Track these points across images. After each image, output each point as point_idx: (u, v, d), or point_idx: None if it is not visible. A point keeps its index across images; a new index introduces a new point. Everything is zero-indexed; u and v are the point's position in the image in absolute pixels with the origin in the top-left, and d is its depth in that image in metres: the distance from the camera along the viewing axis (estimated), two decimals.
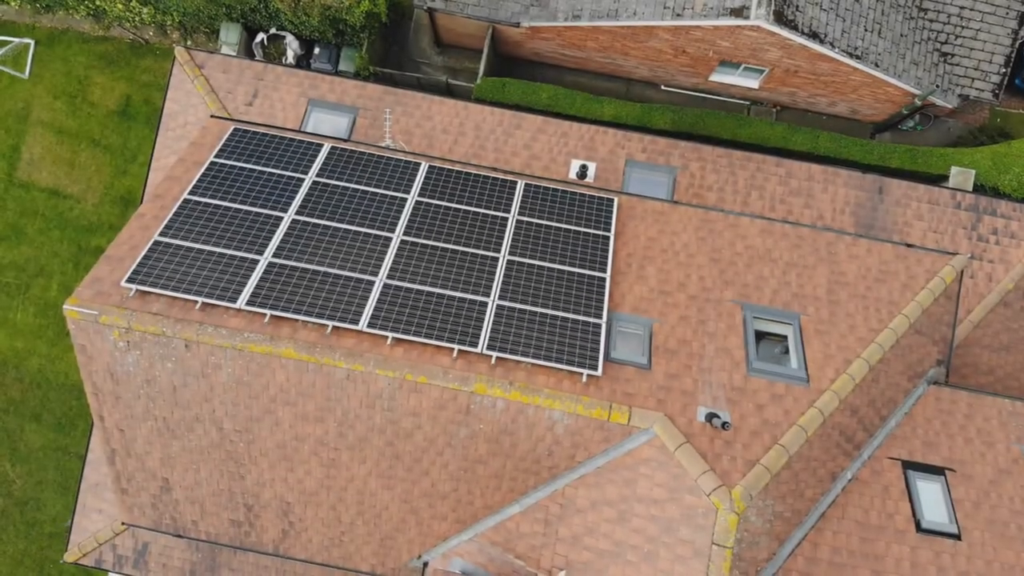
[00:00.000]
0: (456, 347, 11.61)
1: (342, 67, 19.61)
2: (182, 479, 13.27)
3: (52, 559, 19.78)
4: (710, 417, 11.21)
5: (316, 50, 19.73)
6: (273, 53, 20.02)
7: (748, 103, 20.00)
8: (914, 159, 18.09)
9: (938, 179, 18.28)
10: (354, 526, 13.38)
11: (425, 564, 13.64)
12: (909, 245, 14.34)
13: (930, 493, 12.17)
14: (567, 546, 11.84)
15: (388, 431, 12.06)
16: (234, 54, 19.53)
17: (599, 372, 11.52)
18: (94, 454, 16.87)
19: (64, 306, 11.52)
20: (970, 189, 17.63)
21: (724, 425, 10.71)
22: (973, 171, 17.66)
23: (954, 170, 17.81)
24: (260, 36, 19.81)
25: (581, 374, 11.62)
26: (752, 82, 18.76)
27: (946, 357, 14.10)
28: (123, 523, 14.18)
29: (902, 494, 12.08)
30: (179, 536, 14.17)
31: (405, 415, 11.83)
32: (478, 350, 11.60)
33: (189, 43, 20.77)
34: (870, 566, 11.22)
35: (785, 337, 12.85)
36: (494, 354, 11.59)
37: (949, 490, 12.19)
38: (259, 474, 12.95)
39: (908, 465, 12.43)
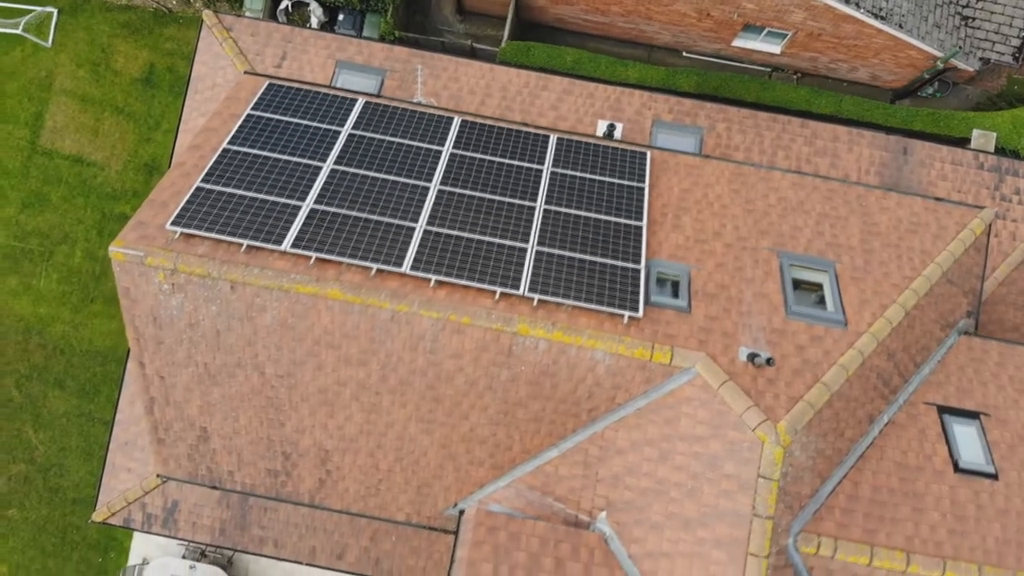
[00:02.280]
0: (498, 289, 11.71)
1: (366, 33, 19.70)
2: (220, 427, 13.35)
3: (75, 525, 19.84)
4: (752, 357, 11.32)
5: (340, 16, 19.82)
6: (297, 20, 20.10)
7: (769, 70, 20.13)
8: (936, 122, 18.23)
9: (960, 142, 18.43)
10: (391, 473, 13.47)
11: (461, 512, 13.73)
12: (938, 199, 14.48)
13: (966, 436, 12.29)
14: (607, 487, 11.95)
15: (430, 374, 12.15)
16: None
17: (640, 314, 11.63)
18: (123, 413, 16.93)
19: (110, 248, 11.59)
20: (992, 151, 17.78)
21: (768, 361, 10.83)
22: (995, 133, 17.82)
23: (976, 132, 17.96)
24: (284, 3, 19.89)
25: (622, 316, 11.73)
26: (774, 47, 18.88)
27: (975, 309, 14.24)
28: (158, 475, 14.25)
29: (939, 437, 12.20)
30: (214, 488, 14.24)
31: (447, 357, 11.93)
32: (520, 292, 11.70)
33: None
34: (911, 504, 11.35)
35: (820, 286, 12.97)
36: (536, 296, 11.69)
37: (984, 433, 12.32)
38: (299, 420, 13.03)
39: (943, 410, 12.56)
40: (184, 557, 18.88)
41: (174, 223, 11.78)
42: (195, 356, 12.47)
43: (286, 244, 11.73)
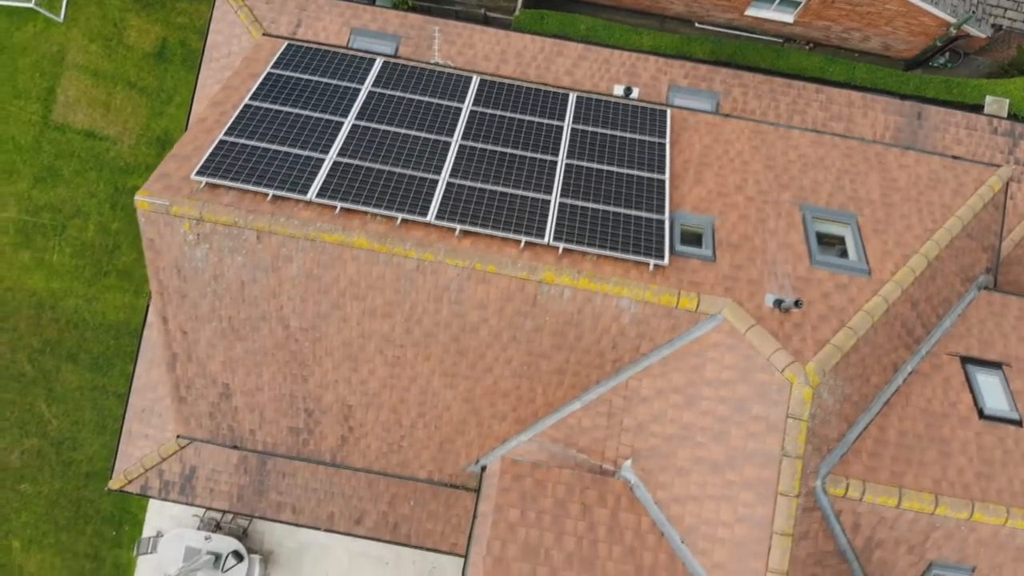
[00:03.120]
0: (523, 238, 11.72)
1: (379, 3, 19.71)
2: (243, 384, 13.34)
3: (89, 498, 19.81)
4: (778, 303, 11.35)
5: None
6: None
7: (781, 40, 20.18)
8: (949, 89, 18.30)
9: (973, 109, 18.48)
10: (414, 429, 13.47)
11: (483, 468, 13.74)
12: (955, 157, 14.53)
13: (990, 385, 12.33)
14: (632, 435, 11.97)
15: (454, 325, 12.16)
16: None
17: (665, 262, 11.65)
18: (139, 380, 16.89)
19: (135, 197, 11.59)
20: (1005, 116, 17.84)
21: (797, 303, 10.85)
22: (1007, 99, 17.88)
23: (989, 99, 18.03)
24: None
25: (648, 264, 11.75)
26: (787, 16, 18.93)
27: (994, 266, 14.28)
28: (178, 436, 14.24)
29: (963, 385, 12.23)
30: (235, 447, 14.24)
31: (472, 308, 11.94)
32: (544, 241, 11.71)
33: None
34: (937, 448, 11.38)
35: (842, 239, 13.01)
36: (561, 245, 11.71)
37: (1008, 382, 12.35)
38: (322, 375, 13.03)
39: (966, 360, 12.59)
40: (199, 529, 18.85)
41: (199, 173, 11.78)
42: (219, 309, 12.47)
43: (311, 194, 11.74)
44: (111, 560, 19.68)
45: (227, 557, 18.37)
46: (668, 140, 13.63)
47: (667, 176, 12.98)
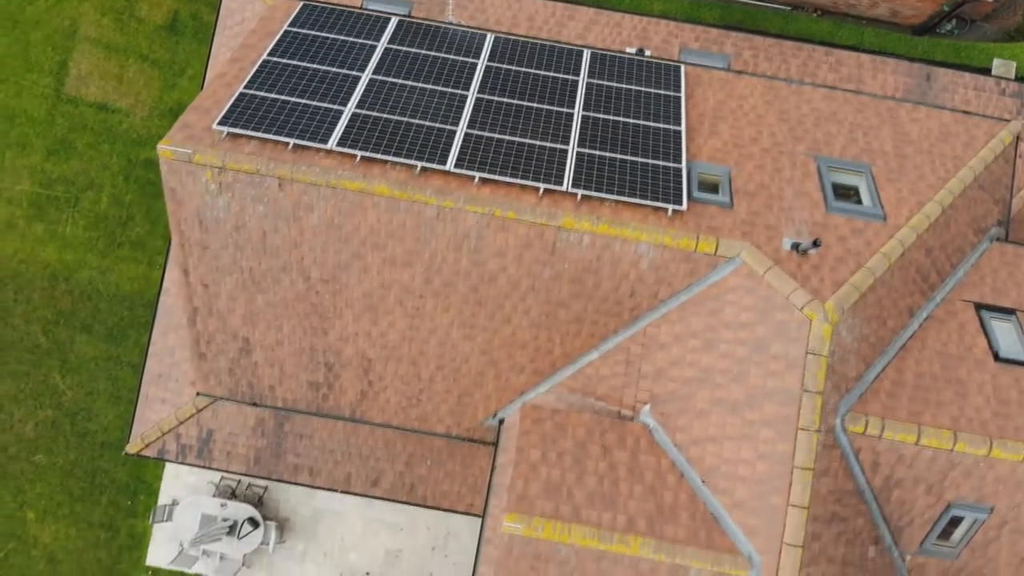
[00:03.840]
0: (542, 186, 11.83)
1: None
2: (263, 338, 13.45)
3: (104, 468, 19.91)
4: (796, 246, 11.46)
5: None
6: None
7: (789, 7, 20.28)
8: (957, 53, 18.41)
9: (981, 73, 18.57)
10: (433, 383, 13.58)
11: (501, 421, 13.86)
12: (966, 112, 14.64)
13: (1004, 331, 12.44)
14: (650, 381, 12.08)
15: (473, 275, 12.27)
16: None
17: (684, 207, 11.76)
18: (156, 345, 16.97)
19: (158, 146, 11.71)
20: (1013, 78, 17.95)
21: (815, 243, 10.96)
22: (1015, 62, 17.99)
23: (996, 61, 18.13)
24: None
25: (666, 209, 11.86)
26: None
27: (1006, 219, 14.40)
28: (198, 393, 14.36)
29: (977, 331, 12.35)
30: (255, 404, 14.36)
31: (491, 256, 12.05)
32: (563, 188, 11.82)
33: None
34: (954, 389, 11.49)
35: (857, 190, 13.12)
36: (579, 191, 11.82)
37: (1022, 327, 12.46)
38: (342, 328, 13.14)
39: (980, 307, 12.70)
40: (214, 496, 18.94)
41: (220, 123, 11.89)
42: (240, 261, 12.58)
43: (332, 143, 11.85)
44: (126, 530, 19.79)
45: (243, 524, 18.46)
46: (683, 93, 13.74)
47: (683, 127, 13.09)
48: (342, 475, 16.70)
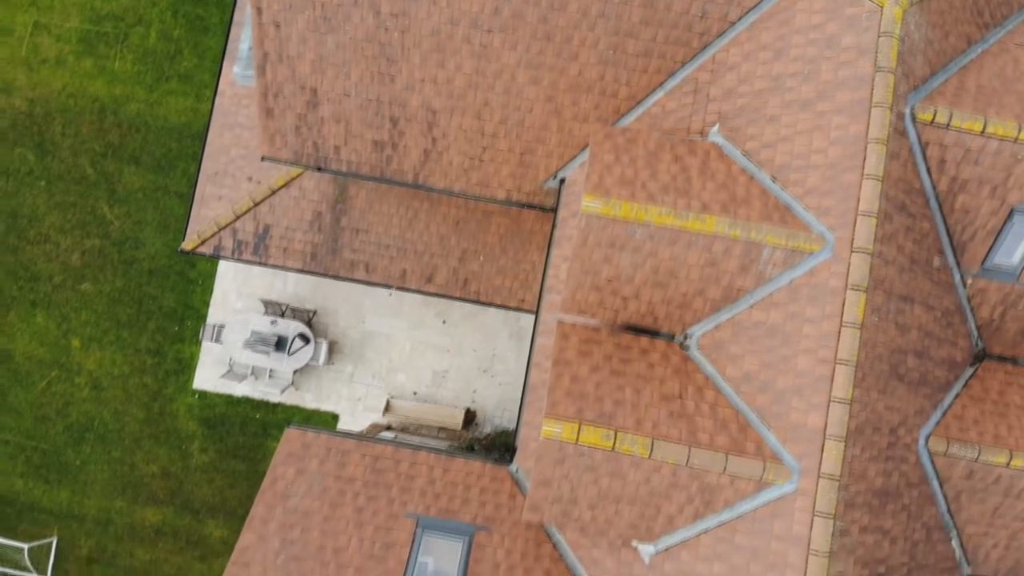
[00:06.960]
0: None
1: None
2: (331, 88, 13.72)
3: (151, 295, 20.17)
4: None
5: None
6: None
7: None
8: None
9: None
10: (496, 139, 13.84)
11: (562, 181, 14.14)
12: None
13: None
14: (719, 104, 12.35)
15: (543, 2, 12.54)
16: None
17: None
18: (212, 146, 17.27)
19: None
20: None
21: None
22: None
23: None
24: None
25: None
26: None
27: None
28: (263, 157, 14.62)
29: None
30: (319, 169, 14.62)
31: None
32: None
33: None
34: (1015, 97, 11.76)
35: None
36: None
37: None
38: (409, 73, 13.41)
39: None
40: (265, 314, 19.22)
41: None
42: None
43: None
44: (172, 355, 20.05)
45: (293, 339, 18.74)
46: None
47: None
48: (397, 271, 17.02)
